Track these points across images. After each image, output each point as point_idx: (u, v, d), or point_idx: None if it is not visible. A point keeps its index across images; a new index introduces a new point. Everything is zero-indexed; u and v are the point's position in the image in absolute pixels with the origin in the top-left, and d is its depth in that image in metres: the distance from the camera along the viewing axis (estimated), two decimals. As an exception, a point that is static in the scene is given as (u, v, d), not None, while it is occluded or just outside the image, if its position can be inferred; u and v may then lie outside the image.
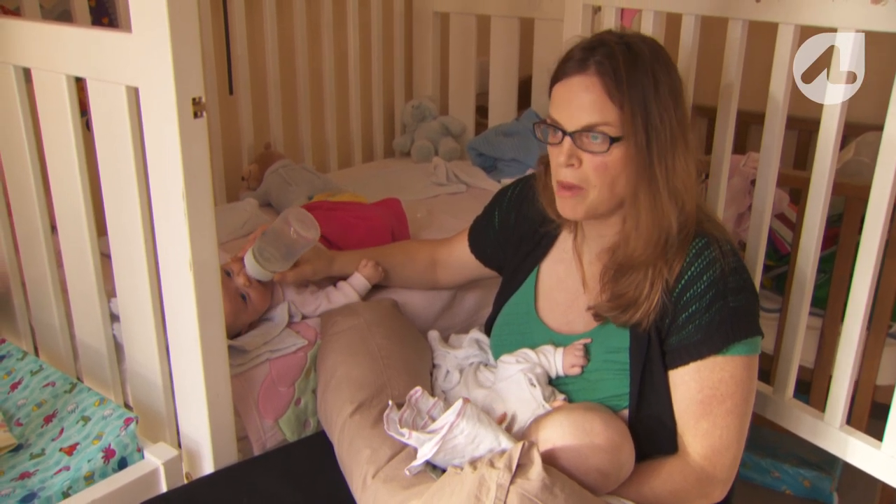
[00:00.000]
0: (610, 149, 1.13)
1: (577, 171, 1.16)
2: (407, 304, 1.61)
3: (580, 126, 1.13)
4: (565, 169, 1.16)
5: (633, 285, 1.18)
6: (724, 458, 1.17)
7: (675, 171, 1.15)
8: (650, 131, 1.12)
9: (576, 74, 1.14)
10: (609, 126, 1.12)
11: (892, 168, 1.28)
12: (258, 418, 1.36)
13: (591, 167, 1.15)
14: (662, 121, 1.13)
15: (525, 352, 1.28)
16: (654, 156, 1.13)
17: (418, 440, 1.11)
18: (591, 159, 1.14)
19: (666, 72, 1.15)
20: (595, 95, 1.12)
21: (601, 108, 1.12)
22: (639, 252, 1.17)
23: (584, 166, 1.15)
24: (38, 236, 1.42)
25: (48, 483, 1.19)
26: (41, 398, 1.36)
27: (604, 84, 1.12)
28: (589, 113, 1.13)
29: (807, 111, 1.56)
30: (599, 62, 1.13)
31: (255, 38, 2.24)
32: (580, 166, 1.15)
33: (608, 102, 1.12)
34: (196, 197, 1.12)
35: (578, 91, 1.14)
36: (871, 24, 1.26)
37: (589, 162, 1.15)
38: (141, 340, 1.30)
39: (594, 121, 1.13)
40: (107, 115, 1.20)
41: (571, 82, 1.15)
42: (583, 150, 1.14)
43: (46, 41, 1.25)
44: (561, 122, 1.16)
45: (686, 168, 1.16)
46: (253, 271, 1.42)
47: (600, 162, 1.14)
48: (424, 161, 2.50)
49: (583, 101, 1.13)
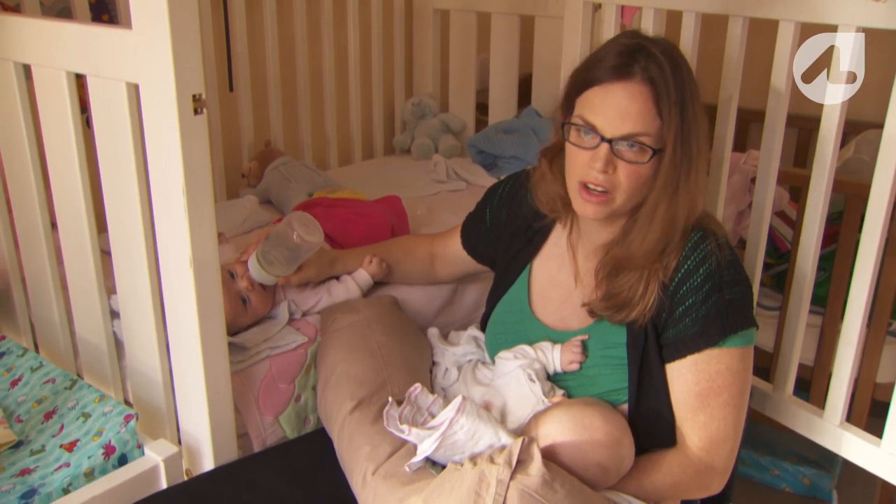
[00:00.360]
0: (649, 160, 1.12)
1: (609, 176, 1.14)
2: (407, 300, 1.61)
3: (622, 134, 1.12)
4: (599, 174, 1.14)
5: (628, 286, 1.18)
6: (721, 449, 1.17)
7: (697, 184, 1.16)
8: (685, 146, 1.12)
9: (620, 80, 1.12)
10: (649, 137, 1.11)
11: (892, 166, 1.28)
12: (258, 415, 1.36)
13: (624, 174, 1.14)
14: (694, 135, 1.13)
15: (523, 348, 1.28)
16: (683, 171, 1.13)
17: (418, 436, 1.11)
18: (625, 167, 1.13)
19: (694, 81, 1.15)
20: (641, 105, 1.11)
21: (645, 118, 1.11)
22: (639, 256, 1.17)
23: (617, 173, 1.14)
24: (38, 233, 1.42)
25: (48, 479, 1.19)
26: (41, 395, 1.36)
27: (651, 94, 1.10)
28: (633, 122, 1.11)
29: (807, 109, 1.56)
30: (645, 69, 1.10)
31: (255, 36, 2.24)
32: (613, 173, 1.14)
33: (653, 112, 1.10)
34: (196, 194, 1.12)
35: (623, 97, 1.11)
36: (872, 21, 1.27)
37: (623, 169, 1.14)
38: (141, 337, 1.30)
39: (637, 130, 1.11)
40: (107, 111, 1.20)
41: (614, 88, 1.12)
42: (620, 157, 1.13)
43: (47, 38, 1.25)
44: (598, 127, 1.13)
45: (704, 180, 1.17)
46: (256, 275, 1.42)
47: (634, 170, 1.13)
48: (424, 158, 2.50)
49: (628, 108, 1.11)
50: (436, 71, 2.68)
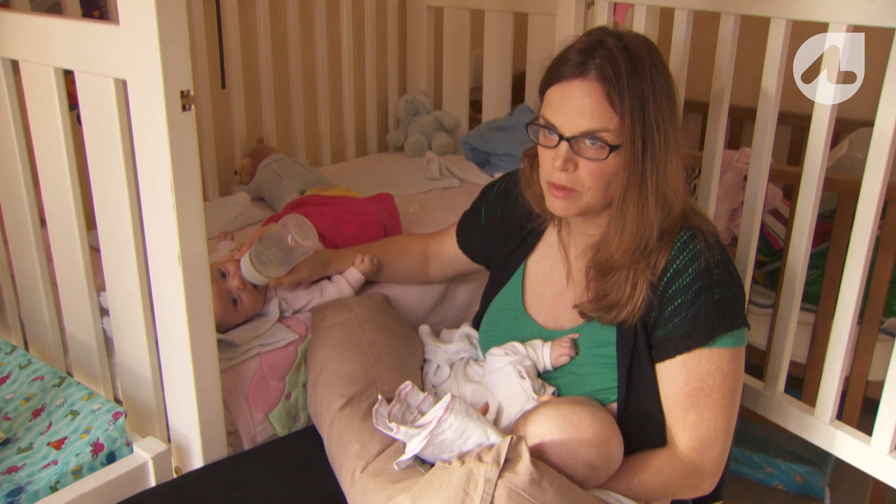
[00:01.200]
0: (609, 156, 1.12)
1: (571, 174, 1.14)
2: (398, 298, 1.60)
3: (579, 132, 1.12)
4: (560, 172, 1.15)
5: (616, 287, 1.18)
6: (712, 449, 1.17)
7: (667, 178, 1.15)
8: (647, 140, 1.11)
9: (576, 78, 1.12)
10: (608, 133, 1.11)
11: (882, 163, 1.28)
12: (248, 412, 1.36)
13: (586, 171, 1.14)
14: (658, 128, 1.12)
15: (513, 345, 1.28)
16: (648, 164, 1.13)
17: (406, 435, 1.11)
18: (587, 164, 1.13)
19: (662, 75, 1.14)
20: (596, 101, 1.10)
21: (601, 115, 1.10)
22: (618, 256, 1.17)
23: (579, 170, 1.14)
24: (27, 230, 1.42)
25: (36, 477, 1.18)
26: (29, 392, 1.35)
27: (605, 90, 1.10)
28: (589, 119, 1.11)
29: (801, 107, 1.56)
30: (600, 66, 1.10)
31: (247, 32, 2.23)
32: (575, 170, 1.14)
33: (609, 109, 1.10)
34: (184, 190, 1.12)
35: (578, 95, 1.11)
36: (863, 18, 1.26)
37: (585, 166, 1.14)
38: (130, 334, 1.30)
39: (594, 127, 1.11)
40: (95, 107, 1.19)
41: (571, 86, 1.12)
42: (580, 155, 1.13)
43: (34, 33, 1.24)
44: (557, 126, 1.14)
45: (677, 172, 1.16)
46: (248, 275, 1.41)
47: (596, 167, 1.13)
48: (418, 156, 2.49)
49: (584, 105, 1.11)
50: (429, 68, 2.67)
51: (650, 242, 1.16)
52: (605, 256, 1.19)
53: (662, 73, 1.14)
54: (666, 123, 1.13)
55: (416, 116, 2.58)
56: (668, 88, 1.14)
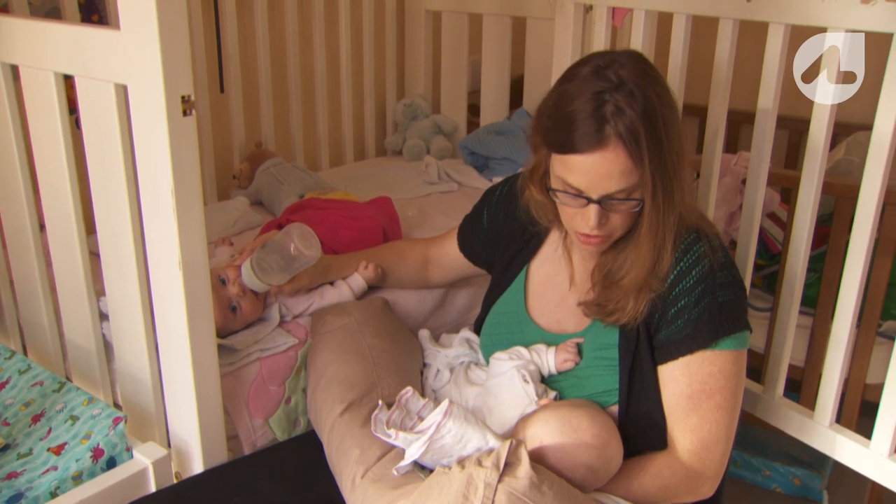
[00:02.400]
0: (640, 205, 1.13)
1: (602, 225, 1.15)
2: (398, 303, 1.60)
3: (608, 193, 1.12)
4: (592, 229, 1.15)
5: (615, 300, 1.19)
6: (713, 453, 1.17)
7: (683, 201, 1.16)
8: (666, 185, 1.12)
9: (597, 150, 1.09)
10: (635, 187, 1.12)
11: (881, 167, 1.28)
12: (248, 417, 1.36)
13: (618, 220, 1.16)
14: (674, 168, 1.12)
15: (518, 349, 1.28)
16: (666, 203, 1.14)
17: (405, 441, 1.11)
18: (618, 215, 1.15)
19: (664, 96, 1.12)
20: (621, 166, 1.09)
21: (628, 175, 1.10)
22: (635, 279, 1.18)
23: (610, 221, 1.15)
24: (26, 235, 1.42)
25: (36, 483, 1.18)
26: (29, 398, 1.35)
27: (628, 154, 1.08)
28: (617, 181, 1.10)
29: (799, 111, 1.56)
30: (619, 134, 1.08)
31: (246, 37, 2.23)
32: (607, 222, 1.15)
33: (634, 169, 1.10)
34: (185, 195, 1.12)
35: (603, 164, 1.10)
36: (861, 23, 1.27)
37: (616, 217, 1.15)
38: (130, 339, 1.30)
39: (622, 186, 1.11)
40: (95, 112, 1.20)
41: (593, 157, 1.10)
42: (611, 210, 1.14)
43: (34, 38, 1.24)
44: (584, 191, 1.13)
45: (689, 185, 1.17)
46: (249, 282, 1.41)
47: (627, 215, 1.15)
48: (416, 160, 2.49)
49: (610, 171, 1.10)
50: (427, 72, 2.68)
51: (663, 258, 1.17)
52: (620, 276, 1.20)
53: (663, 93, 1.12)
54: (678, 156, 1.12)
55: (415, 120, 2.58)
56: (672, 102, 1.13)
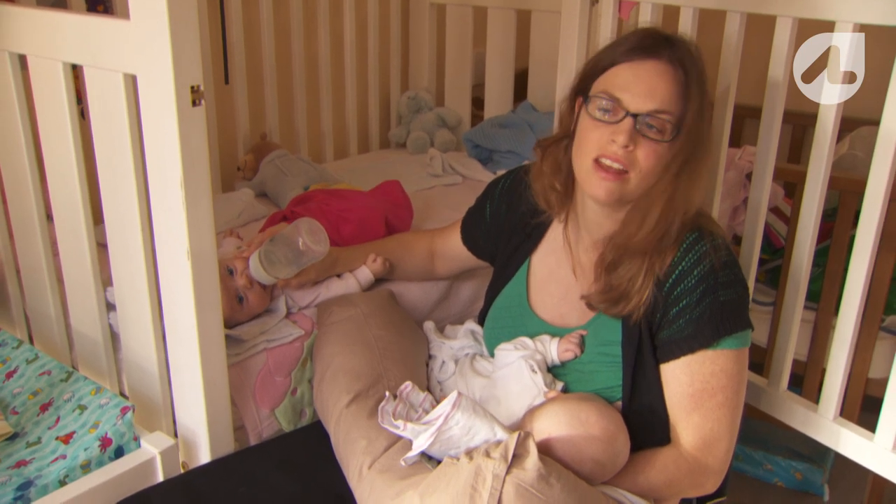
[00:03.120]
0: (673, 139, 1.13)
1: (628, 153, 1.14)
2: (403, 294, 1.61)
3: (648, 110, 1.12)
4: (619, 148, 1.13)
5: (627, 277, 1.18)
6: (716, 450, 1.18)
7: (701, 178, 1.17)
8: (699, 134, 1.14)
9: (650, 59, 1.13)
10: (672, 116, 1.12)
11: (888, 162, 1.28)
12: (255, 408, 1.36)
13: (643, 153, 1.13)
14: (706, 127, 1.15)
15: (523, 340, 1.29)
16: (691, 158, 1.14)
17: (413, 432, 1.11)
18: (646, 146, 1.13)
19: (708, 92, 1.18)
20: (669, 83, 1.12)
21: (672, 98, 1.12)
22: (639, 238, 1.17)
23: (636, 151, 1.14)
24: (33, 225, 1.42)
25: (45, 471, 1.18)
26: (37, 387, 1.35)
27: (679, 77, 1.12)
28: (661, 99, 1.12)
29: (802, 105, 1.56)
30: (674, 52, 1.13)
31: (251, 28, 2.23)
32: (634, 149, 1.14)
33: (680, 95, 1.12)
34: (194, 186, 1.12)
35: (653, 75, 1.12)
36: (869, 17, 1.27)
37: (643, 148, 1.13)
38: (137, 329, 1.30)
39: (664, 107, 1.12)
40: (104, 102, 1.20)
41: (645, 65, 1.13)
42: (642, 134, 1.13)
43: (43, 28, 1.24)
44: (624, 102, 1.13)
45: (707, 177, 1.19)
46: (256, 274, 1.41)
47: (653, 150, 1.13)
48: (420, 152, 2.49)
49: (657, 85, 1.12)
50: (432, 65, 2.67)
51: (668, 233, 1.17)
52: (622, 242, 1.19)
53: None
54: (709, 124, 1.17)
55: (419, 113, 2.58)
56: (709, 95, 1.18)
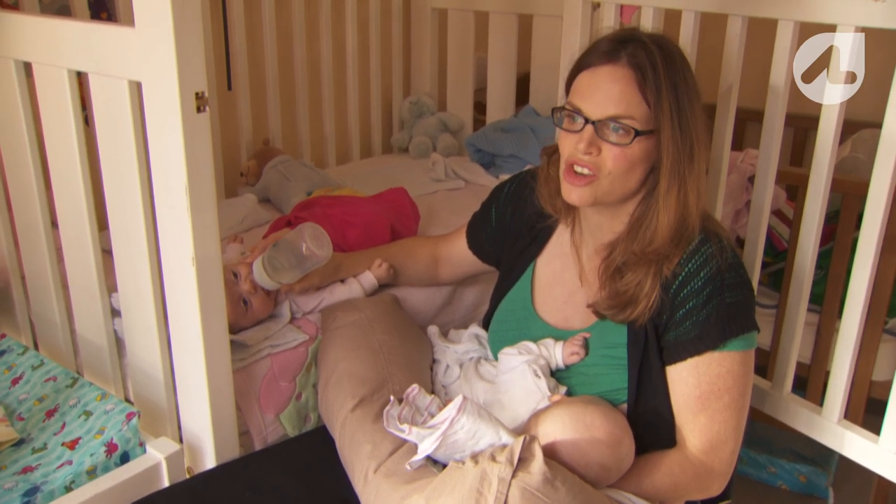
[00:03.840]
0: (633, 142, 1.13)
1: (594, 158, 1.15)
2: (407, 299, 1.61)
3: (605, 116, 1.13)
4: (582, 155, 1.15)
5: (635, 283, 1.18)
6: (722, 452, 1.18)
7: (701, 173, 1.16)
8: (684, 129, 1.13)
9: (606, 64, 1.14)
10: (634, 120, 1.12)
11: (890, 164, 1.28)
12: (259, 413, 1.36)
13: (609, 156, 1.14)
14: (693, 121, 1.14)
15: (526, 344, 1.29)
16: (685, 156, 1.14)
17: (418, 436, 1.11)
18: (610, 149, 1.14)
19: (692, 75, 1.16)
20: (625, 87, 1.12)
21: (629, 101, 1.12)
22: (657, 245, 1.17)
23: (602, 154, 1.15)
24: (38, 231, 1.42)
25: (51, 477, 1.19)
26: (42, 393, 1.36)
27: (635, 77, 1.12)
28: (616, 104, 1.12)
29: (804, 108, 1.57)
30: (632, 55, 1.13)
31: (253, 34, 2.24)
32: (598, 154, 1.15)
33: (637, 96, 1.12)
34: (199, 192, 1.12)
35: (607, 81, 1.13)
36: (870, 20, 1.27)
37: (608, 151, 1.14)
38: (142, 335, 1.30)
39: (620, 112, 1.12)
40: (108, 109, 1.20)
41: (600, 72, 1.14)
42: (604, 139, 1.14)
43: (48, 35, 1.25)
44: (584, 110, 1.15)
45: (704, 176, 1.18)
46: (260, 279, 1.42)
47: (619, 152, 1.14)
48: (422, 157, 2.50)
49: (611, 91, 1.13)
50: (434, 70, 2.68)
51: (685, 233, 1.17)
52: (638, 249, 1.18)
53: (691, 72, 1.16)
54: (697, 119, 1.15)
55: (421, 118, 2.59)
56: (697, 87, 1.16)
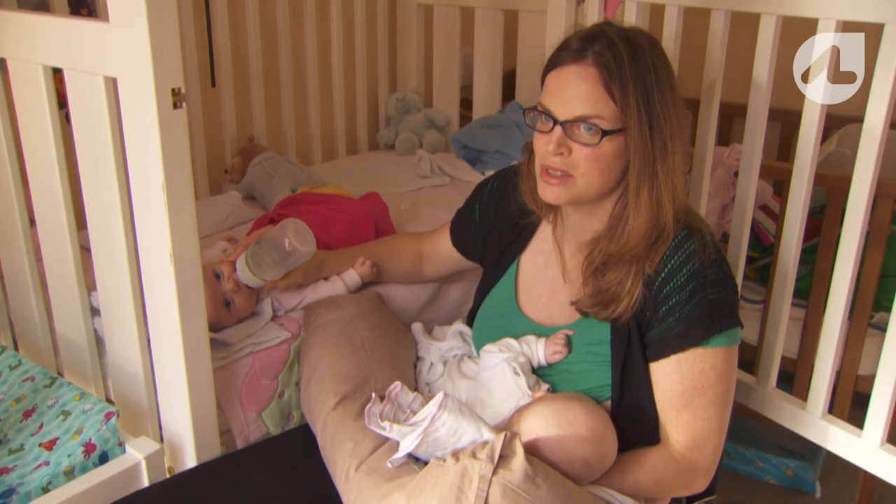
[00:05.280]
0: (601, 142, 1.12)
1: (566, 158, 1.15)
2: (391, 296, 1.60)
3: (572, 116, 1.12)
4: (554, 157, 1.15)
5: (617, 281, 1.18)
6: (705, 448, 1.17)
7: (675, 169, 1.15)
8: (654, 126, 1.12)
9: (572, 64, 1.13)
10: (602, 119, 1.11)
11: (872, 159, 1.28)
12: (241, 411, 1.35)
13: (581, 156, 1.14)
14: (665, 116, 1.13)
15: (508, 341, 1.28)
16: (658, 150, 1.13)
17: (400, 433, 1.10)
18: (580, 149, 1.14)
19: (665, 68, 1.15)
20: (591, 87, 1.11)
21: (596, 101, 1.11)
22: (632, 245, 1.17)
23: (574, 154, 1.14)
24: (16, 230, 1.41)
25: (27, 479, 1.17)
26: (20, 393, 1.34)
27: (601, 76, 1.11)
28: (583, 104, 1.12)
29: (791, 103, 1.56)
30: (598, 53, 1.11)
31: (237, 31, 2.23)
32: (569, 155, 1.15)
33: (604, 95, 1.11)
34: (176, 189, 1.11)
35: (574, 80, 1.13)
36: (852, 14, 1.27)
37: (579, 151, 1.14)
38: (122, 334, 1.29)
39: (587, 112, 1.12)
40: (85, 106, 1.19)
41: (567, 71, 1.14)
42: (573, 140, 1.14)
43: (23, 31, 1.23)
44: (553, 111, 1.15)
45: (681, 167, 1.17)
46: (243, 277, 1.41)
47: (590, 152, 1.13)
48: (409, 154, 2.49)
49: (578, 91, 1.12)
50: (419, 66, 2.67)
51: (663, 231, 1.16)
52: (615, 249, 1.18)
53: (664, 65, 1.15)
54: (671, 113, 1.14)
55: (407, 114, 2.58)
56: (671, 80, 1.15)
